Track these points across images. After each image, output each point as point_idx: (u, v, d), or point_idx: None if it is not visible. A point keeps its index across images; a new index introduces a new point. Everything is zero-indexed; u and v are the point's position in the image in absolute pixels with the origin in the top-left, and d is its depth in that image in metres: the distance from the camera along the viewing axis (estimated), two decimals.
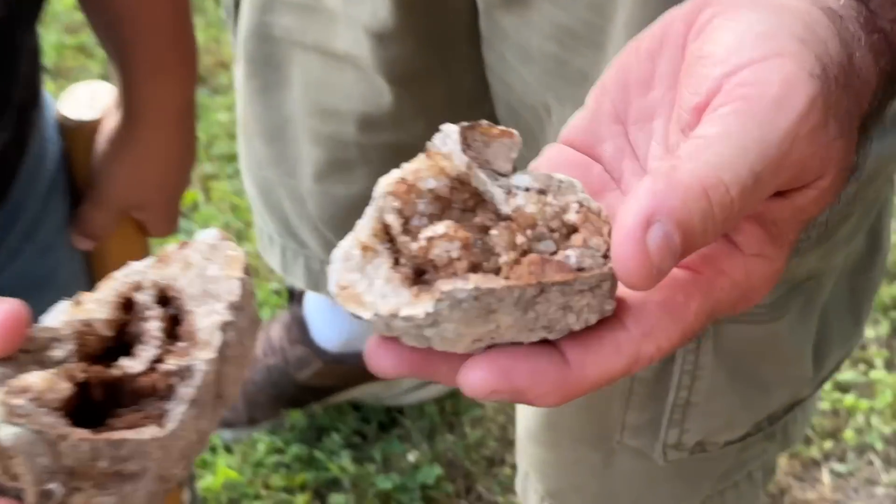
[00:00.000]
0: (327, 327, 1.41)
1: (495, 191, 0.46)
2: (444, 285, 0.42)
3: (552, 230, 0.45)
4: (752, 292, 0.47)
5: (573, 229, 0.45)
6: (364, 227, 0.45)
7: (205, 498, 1.40)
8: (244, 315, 0.45)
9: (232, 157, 1.71)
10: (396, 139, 1.03)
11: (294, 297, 1.43)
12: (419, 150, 0.47)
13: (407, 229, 0.45)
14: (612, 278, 0.44)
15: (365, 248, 0.44)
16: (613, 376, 0.44)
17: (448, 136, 0.46)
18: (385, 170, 0.46)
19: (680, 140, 0.47)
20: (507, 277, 0.43)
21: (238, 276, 0.45)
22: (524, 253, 0.44)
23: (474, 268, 0.44)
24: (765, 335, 0.85)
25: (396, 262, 0.44)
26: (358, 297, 0.43)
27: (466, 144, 0.47)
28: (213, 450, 1.45)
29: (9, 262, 0.89)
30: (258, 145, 1.12)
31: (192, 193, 1.74)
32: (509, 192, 0.46)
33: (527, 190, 0.46)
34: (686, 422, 0.90)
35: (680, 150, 0.43)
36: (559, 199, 0.46)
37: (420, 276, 0.44)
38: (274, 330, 1.45)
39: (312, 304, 1.41)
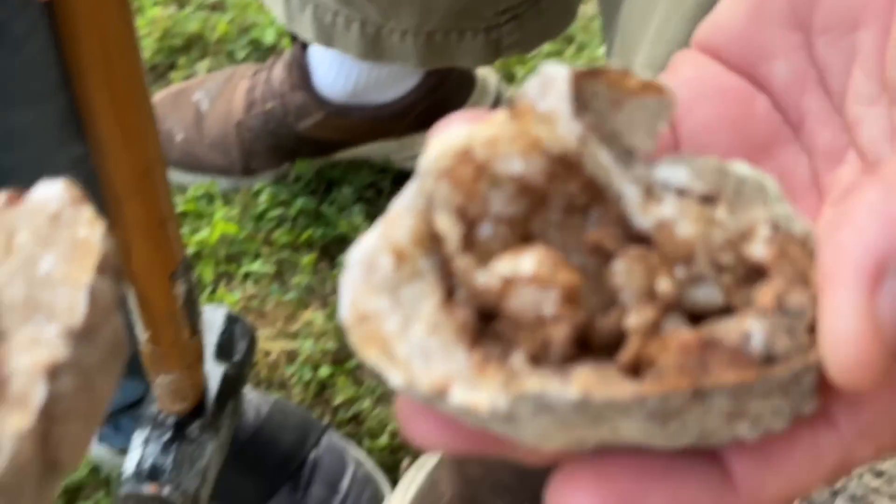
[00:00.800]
0: (333, 73, 1.24)
1: (627, 187, 0.28)
2: (529, 380, 0.26)
3: (721, 268, 0.27)
4: None
5: (760, 272, 0.27)
6: (401, 221, 0.28)
7: (198, 253, 1.28)
8: (94, 345, 0.28)
9: None
10: None
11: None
12: None
13: (470, 242, 0.28)
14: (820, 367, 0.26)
15: (400, 257, 0.27)
16: (803, 492, 0.28)
17: (551, 84, 0.28)
18: None
19: None
20: (634, 366, 0.26)
21: (86, 281, 0.28)
22: (666, 309, 0.27)
23: (580, 331, 0.26)
24: None
25: (449, 294, 0.27)
26: (384, 342, 0.27)
27: (582, 102, 0.29)
28: (210, 199, 1.31)
29: None
30: None
31: None
32: (650, 191, 0.28)
33: (681, 193, 0.28)
34: None
35: None
36: (739, 214, 0.28)
37: (487, 320, 0.27)
38: (276, 70, 1.28)
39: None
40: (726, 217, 0.28)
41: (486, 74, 1.31)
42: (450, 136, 0.28)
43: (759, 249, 0.27)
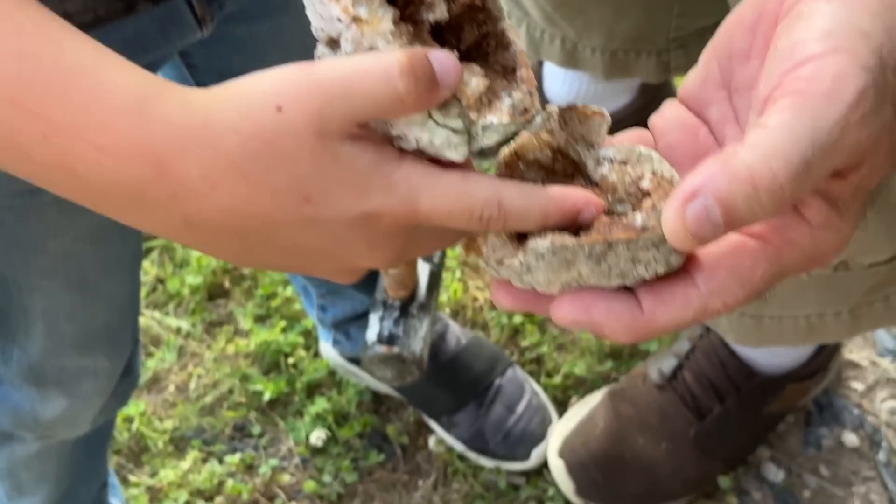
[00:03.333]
0: (559, 83, 1.48)
1: (588, 160, 0.53)
2: (531, 242, 0.50)
3: (630, 195, 0.52)
4: (820, 257, 0.50)
5: (646, 194, 0.51)
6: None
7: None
8: None
9: None
10: None
11: None
12: None
13: None
14: None
15: None
16: (680, 325, 0.50)
17: (551, 116, 0.53)
18: None
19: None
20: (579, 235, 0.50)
21: None
22: (607, 212, 0.51)
23: (564, 227, 0.52)
24: None
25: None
26: (478, 248, 0.53)
27: (565, 122, 0.53)
28: None
29: None
30: None
31: None
32: (598, 162, 0.53)
33: (611, 161, 0.53)
34: None
35: (746, 138, 0.47)
36: (636, 168, 0.52)
37: (524, 235, 0.53)
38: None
39: None
40: (631, 170, 0.52)
41: None
42: (505, 148, 0.53)
43: (646, 184, 0.51)
